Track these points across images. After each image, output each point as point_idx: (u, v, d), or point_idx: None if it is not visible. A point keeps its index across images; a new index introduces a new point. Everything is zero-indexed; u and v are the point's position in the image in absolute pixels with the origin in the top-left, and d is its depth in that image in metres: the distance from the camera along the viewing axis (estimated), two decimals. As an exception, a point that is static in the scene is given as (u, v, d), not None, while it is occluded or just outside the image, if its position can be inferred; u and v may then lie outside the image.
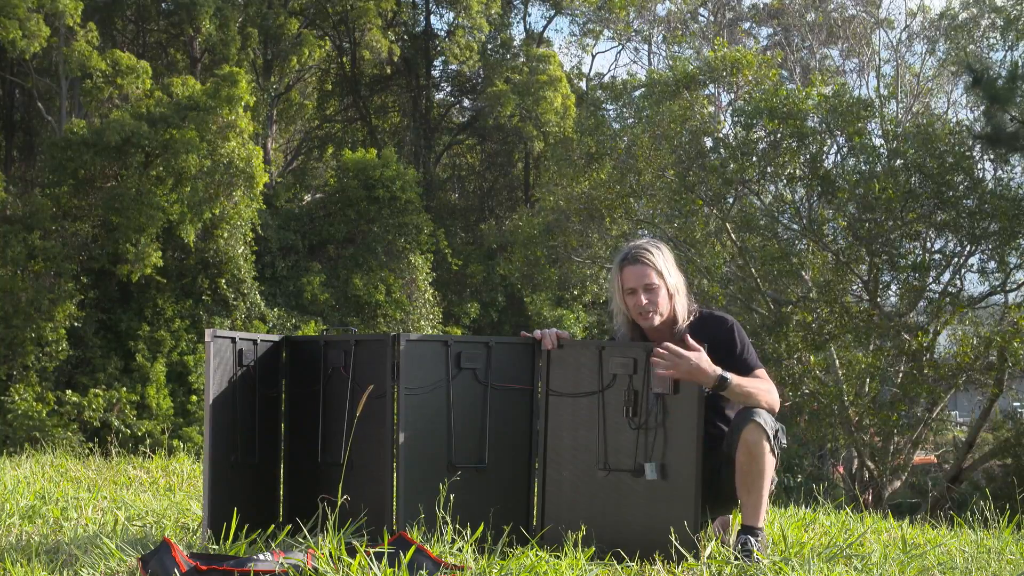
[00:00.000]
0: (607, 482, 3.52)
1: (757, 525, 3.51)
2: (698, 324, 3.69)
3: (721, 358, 3.56)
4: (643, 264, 3.64)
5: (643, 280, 3.64)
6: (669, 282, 3.65)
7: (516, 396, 3.73)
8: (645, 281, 3.64)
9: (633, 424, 3.51)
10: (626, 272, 3.66)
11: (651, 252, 3.66)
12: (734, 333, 3.68)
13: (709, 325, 3.69)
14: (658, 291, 3.64)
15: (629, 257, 3.68)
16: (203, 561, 3.03)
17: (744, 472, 3.50)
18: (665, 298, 3.65)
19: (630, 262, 3.66)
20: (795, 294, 17.68)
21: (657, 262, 3.65)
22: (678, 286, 3.68)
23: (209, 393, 3.63)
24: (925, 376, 16.02)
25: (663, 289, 3.64)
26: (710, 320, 3.72)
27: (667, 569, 3.30)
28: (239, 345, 3.76)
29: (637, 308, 3.65)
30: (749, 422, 3.48)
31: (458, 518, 3.45)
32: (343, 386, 3.75)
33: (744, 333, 3.73)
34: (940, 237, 17.20)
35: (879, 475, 16.66)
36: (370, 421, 3.63)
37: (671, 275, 3.67)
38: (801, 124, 16.50)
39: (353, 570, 2.88)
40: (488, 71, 28.69)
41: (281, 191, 25.53)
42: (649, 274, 3.63)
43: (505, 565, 3.08)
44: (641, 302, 3.64)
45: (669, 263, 3.68)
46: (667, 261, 3.69)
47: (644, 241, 3.74)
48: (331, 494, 3.57)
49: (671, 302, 3.66)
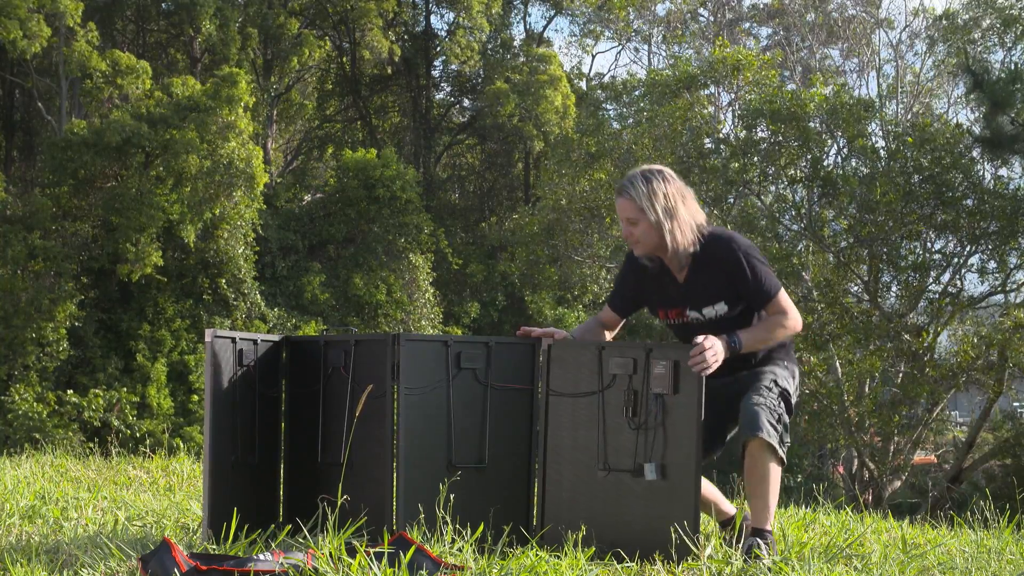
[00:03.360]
0: (607, 482, 3.52)
1: (765, 528, 3.49)
2: (704, 254, 3.60)
3: (735, 290, 3.55)
4: (625, 197, 3.58)
5: (625, 213, 3.60)
6: (652, 216, 3.54)
7: (516, 396, 3.73)
8: (626, 214, 3.59)
9: (633, 424, 3.51)
10: (616, 201, 3.64)
11: (636, 184, 3.57)
12: (742, 261, 3.55)
13: (716, 253, 3.59)
14: (637, 224, 3.58)
15: (617, 188, 3.64)
16: (203, 561, 3.03)
17: (750, 477, 3.50)
18: (647, 231, 3.57)
19: (617, 193, 3.63)
20: (795, 294, 17.67)
21: (638, 195, 3.55)
22: (668, 215, 3.54)
23: (209, 393, 3.63)
24: (925, 376, 16.02)
25: (644, 222, 3.56)
26: (716, 247, 3.60)
27: (667, 569, 3.30)
28: (239, 345, 3.76)
29: (625, 237, 3.66)
30: (754, 438, 3.43)
31: (458, 518, 3.45)
32: (343, 386, 3.75)
33: (753, 254, 3.59)
34: (940, 237, 17.20)
35: (879, 475, 16.66)
36: (370, 421, 3.63)
37: (656, 206, 3.54)
38: (802, 125, 16.51)
39: (353, 570, 2.88)
40: (488, 71, 28.71)
41: (281, 191, 25.53)
42: (629, 207, 3.57)
43: (505, 565, 3.08)
44: (624, 233, 3.65)
45: (657, 196, 3.55)
46: (656, 194, 3.55)
47: (641, 170, 3.63)
48: (331, 494, 3.57)
49: (658, 233, 3.56)
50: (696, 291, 3.64)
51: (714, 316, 3.63)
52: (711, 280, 3.60)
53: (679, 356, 3.46)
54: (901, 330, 16.53)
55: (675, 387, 3.45)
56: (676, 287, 3.68)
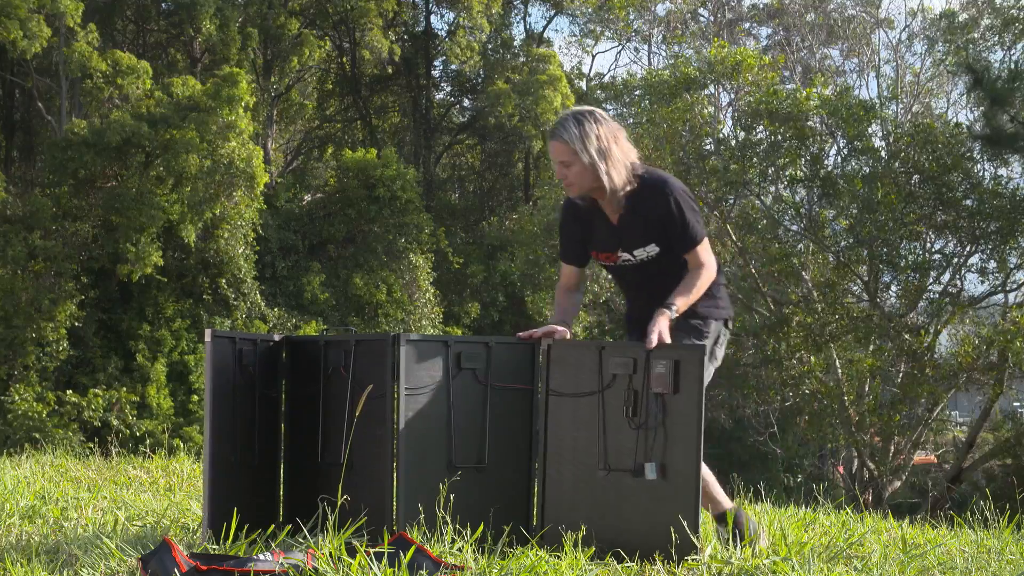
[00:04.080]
0: (607, 482, 3.52)
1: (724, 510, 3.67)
2: (638, 195, 3.63)
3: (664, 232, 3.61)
4: (558, 140, 3.57)
5: (558, 156, 3.59)
6: (585, 157, 3.54)
7: (516, 396, 3.73)
8: (560, 157, 3.59)
9: (633, 424, 3.51)
10: (550, 145, 3.63)
11: (568, 126, 3.56)
12: (673, 204, 3.59)
13: (648, 198, 3.63)
14: (571, 166, 3.58)
15: (550, 132, 3.63)
16: (203, 561, 3.03)
17: None
18: (581, 172, 3.57)
19: (550, 136, 3.62)
20: (796, 294, 17.68)
21: (571, 138, 3.54)
22: (602, 156, 3.55)
23: (209, 393, 3.63)
24: (925, 376, 16.03)
25: (577, 164, 3.56)
26: (650, 188, 3.63)
27: (667, 569, 3.30)
28: (239, 345, 3.76)
29: (560, 179, 3.65)
30: None
31: (458, 518, 3.45)
32: (343, 386, 3.75)
33: (686, 198, 3.63)
34: (940, 237, 17.21)
35: (879, 475, 16.66)
36: (370, 421, 3.63)
37: (590, 148, 3.54)
38: (801, 126, 16.50)
39: (353, 570, 2.88)
40: (488, 71, 28.70)
41: (281, 191, 25.52)
42: (562, 150, 3.57)
43: (505, 565, 3.07)
44: (559, 175, 3.64)
45: (590, 137, 3.53)
46: (588, 136, 3.54)
47: (573, 112, 3.62)
48: (331, 494, 3.57)
49: (592, 174, 3.57)
50: (629, 233, 3.68)
51: (645, 258, 3.69)
52: (644, 222, 3.64)
53: (680, 356, 3.46)
54: (901, 330, 16.53)
55: (675, 387, 3.45)
56: (610, 228, 3.71)
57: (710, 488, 3.69)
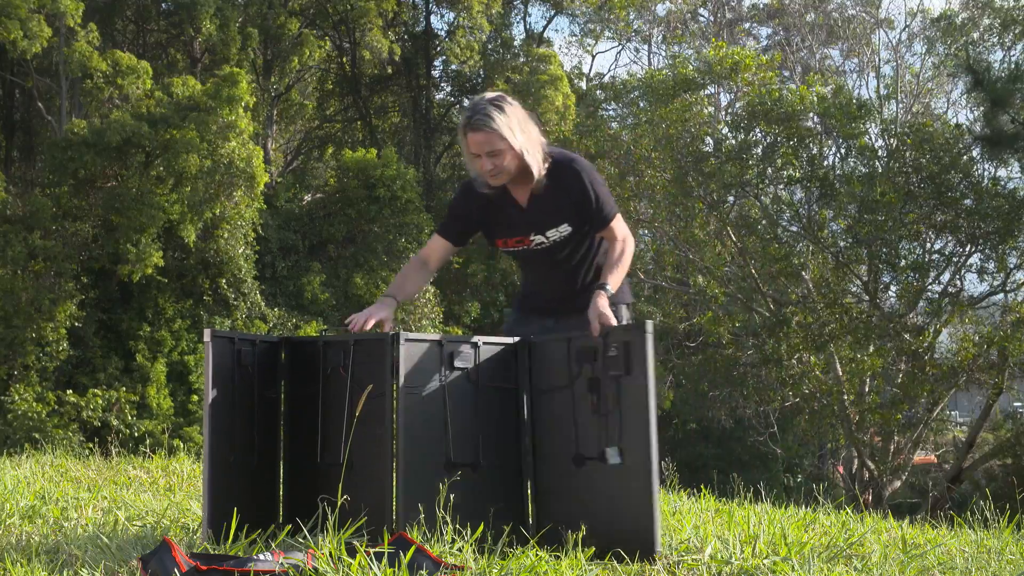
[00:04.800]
0: (583, 474, 3.54)
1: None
2: (553, 177, 3.63)
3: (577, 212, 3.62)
4: (486, 131, 3.53)
5: (487, 147, 3.55)
6: (515, 143, 3.53)
7: (505, 395, 3.74)
8: (489, 147, 3.55)
9: (596, 411, 3.51)
10: (471, 138, 3.57)
11: (494, 116, 3.53)
12: (586, 185, 3.61)
13: (563, 178, 3.63)
14: (503, 155, 3.55)
15: (472, 123, 3.55)
16: (203, 561, 3.03)
17: None
18: (511, 159, 3.57)
19: (472, 128, 3.55)
20: (795, 294, 17.68)
21: (500, 126, 3.52)
22: (526, 143, 3.56)
23: (208, 393, 3.63)
24: (925, 376, 16.03)
25: (508, 152, 3.55)
26: (563, 171, 3.64)
27: (667, 569, 3.30)
28: (238, 345, 3.76)
29: (484, 172, 3.60)
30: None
31: (458, 518, 3.45)
32: (342, 386, 3.74)
33: (596, 176, 3.66)
34: (939, 237, 17.21)
35: (879, 475, 16.66)
36: (370, 421, 3.63)
37: (517, 136, 3.54)
38: (798, 126, 16.51)
39: (353, 570, 2.88)
40: (489, 71, 28.69)
41: (281, 191, 25.53)
42: (490, 139, 3.53)
43: (505, 565, 3.07)
44: (487, 167, 3.58)
45: (514, 122, 3.53)
46: (511, 121, 3.53)
47: (488, 100, 3.58)
48: (331, 494, 3.57)
49: (519, 161, 3.57)
50: (541, 215, 3.67)
51: (558, 238, 3.69)
52: (556, 203, 3.64)
53: (630, 338, 3.46)
54: (901, 330, 16.53)
55: (628, 368, 3.46)
56: (519, 213, 3.70)
57: None
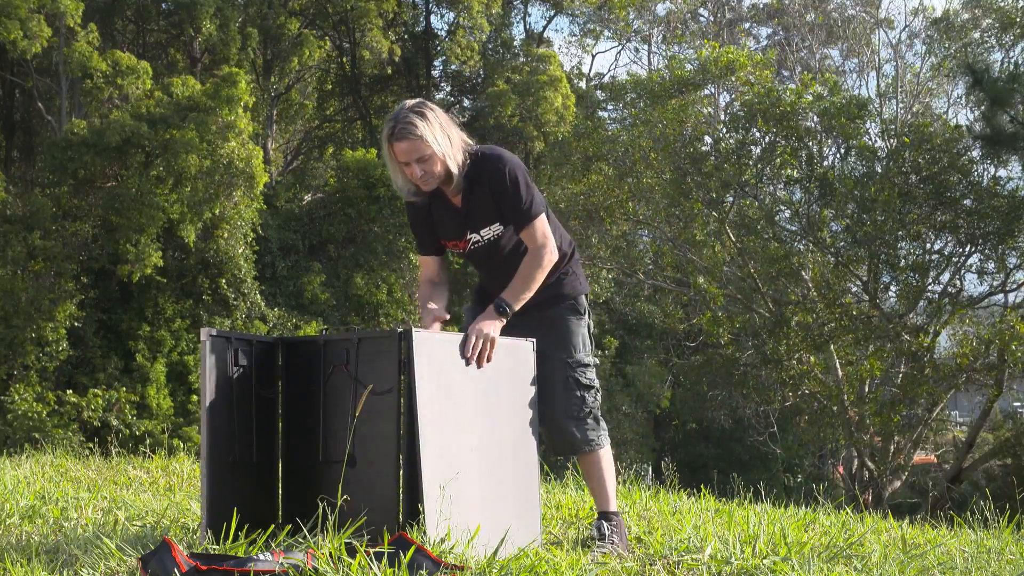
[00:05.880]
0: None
1: (610, 510, 3.80)
2: (473, 172, 3.66)
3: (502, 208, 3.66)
4: (411, 139, 3.55)
5: (414, 154, 3.57)
6: (439, 148, 3.57)
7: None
8: (416, 155, 3.57)
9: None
10: (396, 148, 3.59)
11: (417, 124, 3.55)
12: (507, 178, 3.64)
13: (485, 171, 3.66)
14: (431, 160, 3.58)
15: (396, 133, 3.57)
16: (203, 561, 3.03)
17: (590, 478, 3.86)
18: (438, 163, 3.59)
19: (397, 138, 3.58)
20: (795, 295, 17.67)
21: (424, 133, 3.55)
22: (448, 146, 3.59)
23: (204, 392, 3.62)
24: (925, 376, 16.02)
25: (435, 156, 3.58)
26: (485, 164, 3.66)
27: (667, 569, 3.30)
28: (235, 345, 3.76)
29: (415, 179, 3.63)
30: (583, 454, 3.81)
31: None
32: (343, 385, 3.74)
33: (521, 172, 3.67)
34: (939, 238, 17.21)
35: (879, 475, 16.66)
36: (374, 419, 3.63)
37: (440, 140, 3.57)
38: (796, 126, 16.50)
39: (353, 570, 2.88)
40: (488, 71, 28.70)
41: (281, 191, 25.53)
42: (418, 147, 3.56)
43: (505, 565, 3.07)
44: (417, 174, 3.61)
45: (435, 128, 3.57)
46: (433, 126, 3.57)
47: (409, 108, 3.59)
48: (331, 494, 3.57)
49: (444, 164, 3.60)
50: (473, 213, 3.71)
51: (492, 237, 3.73)
52: (484, 199, 3.67)
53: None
54: (901, 330, 16.52)
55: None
56: (455, 213, 3.74)
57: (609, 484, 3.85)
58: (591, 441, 3.80)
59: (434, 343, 3.60)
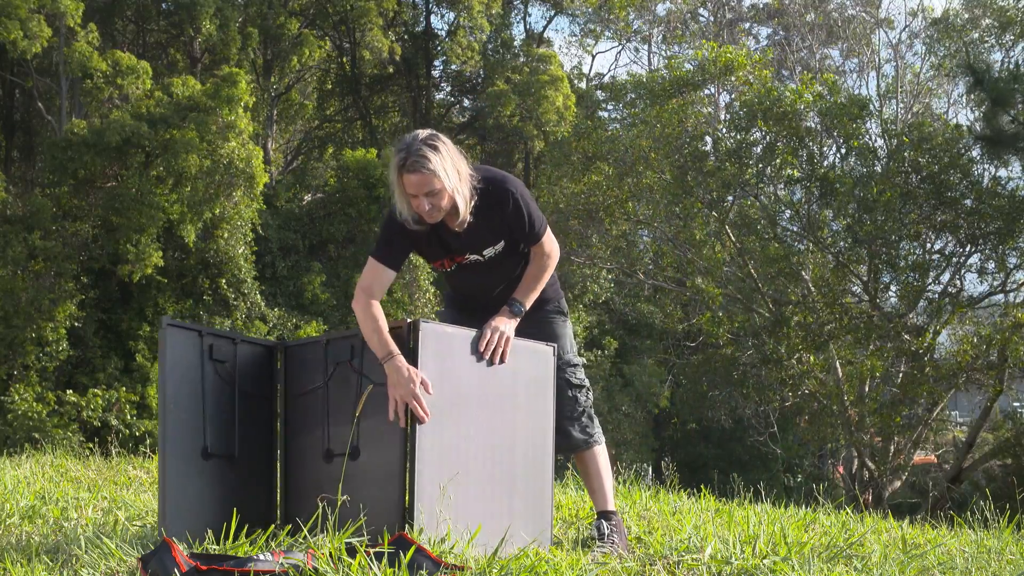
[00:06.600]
0: None
1: (609, 509, 3.89)
2: (482, 199, 3.69)
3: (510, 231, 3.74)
4: (423, 172, 3.54)
5: (422, 188, 3.57)
6: (449, 184, 3.57)
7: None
8: (426, 188, 3.57)
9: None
10: (406, 179, 3.58)
11: (430, 158, 3.54)
12: (520, 205, 3.70)
13: (494, 198, 3.69)
14: (440, 194, 3.58)
15: (408, 165, 3.56)
16: (203, 561, 3.03)
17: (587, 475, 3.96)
18: (447, 198, 3.61)
19: (409, 170, 3.56)
20: (795, 294, 17.67)
21: (437, 167, 3.54)
22: (458, 182, 3.60)
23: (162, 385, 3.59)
24: (925, 376, 16.02)
25: (444, 191, 3.58)
26: (494, 192, 3.69)
27: (667, 569, 3.30)
28: (207, 340, 3.72)
29: (421, 212, 3.63)
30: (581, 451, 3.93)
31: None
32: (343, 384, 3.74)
33: (526, 195, 3.73)
34: (939, 238, 17.21)
35: (879, 475, 16.66)
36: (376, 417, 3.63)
37: (450, 175, 3.57)
38: (796, 125, 16.50)
39: (353, 570, 2.88)
40: (489, 71, 28.70)
41: (281, 191, 25.53)
42: (430, 181, 3.55)
43: (505, 565, 3.07)
44: (424, 207, 3.60)
45: (447, 162, 3.57)
46: (445, 161, 3.56)
47: (422, 140, 3.57)
48: (331, 494, 3.57)
49: (452, 199, 3.62)
50: (477, 237, 3.75)
51: (493, 255, 3.80)
52: (490, 224, 3.72)
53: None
54: (901, 330, 16.52)
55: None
56: (455, 237, 3.76)
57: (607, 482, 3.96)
58: (588, 438, 3.93)
59: (441, 336, 3.60)
